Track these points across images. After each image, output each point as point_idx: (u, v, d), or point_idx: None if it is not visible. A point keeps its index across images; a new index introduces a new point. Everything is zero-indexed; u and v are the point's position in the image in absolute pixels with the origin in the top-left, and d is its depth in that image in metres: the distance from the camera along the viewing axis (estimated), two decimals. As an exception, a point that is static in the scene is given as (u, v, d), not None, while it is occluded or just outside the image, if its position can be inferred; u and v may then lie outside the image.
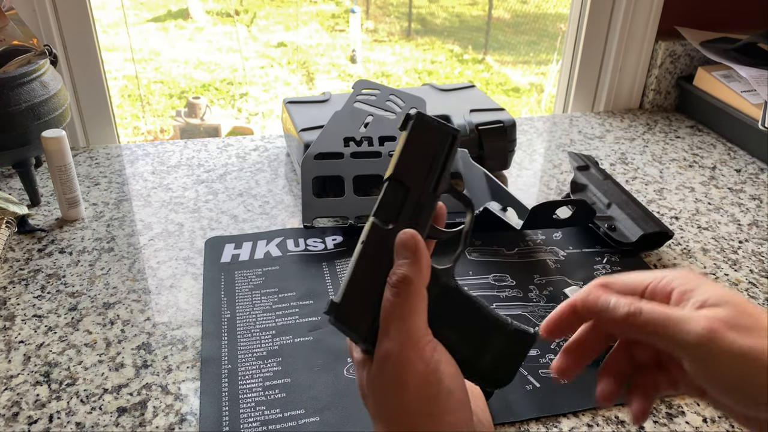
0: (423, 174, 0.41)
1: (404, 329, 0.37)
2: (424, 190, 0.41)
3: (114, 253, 0.75)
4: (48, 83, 0.82)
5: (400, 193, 0.41)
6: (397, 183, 0.41)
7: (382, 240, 0.40)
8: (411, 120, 0.42)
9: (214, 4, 4.59)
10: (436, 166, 0.41)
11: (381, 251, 0.40)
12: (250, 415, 0.54)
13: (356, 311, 0.39)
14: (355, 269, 0.40)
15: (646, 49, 1.18)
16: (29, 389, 0.57)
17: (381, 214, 0.41)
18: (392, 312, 0.38)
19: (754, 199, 0.91)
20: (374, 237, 0.40)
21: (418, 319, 0.38)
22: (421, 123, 0.42)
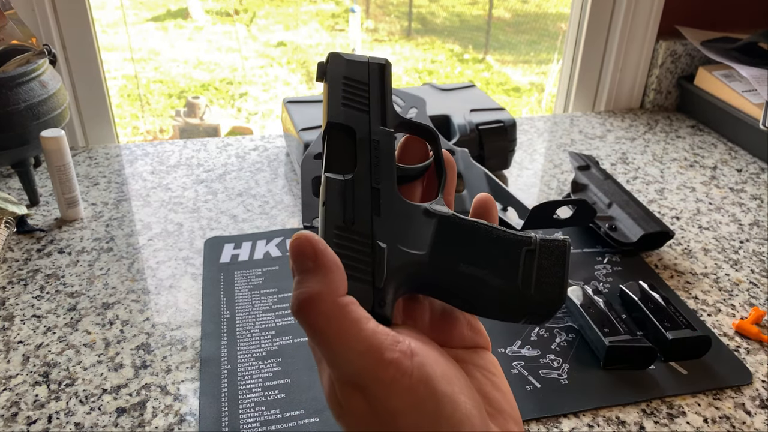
0: (362, 109, 0.36)
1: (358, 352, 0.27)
2: (370, 126, 0.35)
3: (113, 253, 0.75)
4: (47, 83, 0.81)
5: (346, 138, 0.35)
6: (338, 127, 0.35)
7: (348, 192, 0.33)
8: (327, 63, 0.37)
9: (213, 4, 4.59)
10: (373, 97, 0.36)
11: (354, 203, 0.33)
12: (250, 415, 0.54)
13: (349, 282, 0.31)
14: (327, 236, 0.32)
15: (647, 48, 1.18)
16: (28, 389, 0.56)
17: (335, 167, 0.34)
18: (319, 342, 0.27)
19: (755, 199, 0.91)
20: (336, 193, 0.33)
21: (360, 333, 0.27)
22: (338, 60, 0.37)
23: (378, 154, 0.35)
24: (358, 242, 0.32)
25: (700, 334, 0.60)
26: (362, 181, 0.34)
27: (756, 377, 0.60)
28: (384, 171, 0.34)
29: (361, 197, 0.33)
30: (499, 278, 0.32)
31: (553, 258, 0.33)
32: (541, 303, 0.32)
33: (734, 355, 0.62)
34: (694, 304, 0.69)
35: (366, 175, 0.34)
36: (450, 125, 0.92)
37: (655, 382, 0.58)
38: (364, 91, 0.36)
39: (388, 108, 0.36)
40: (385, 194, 0.34)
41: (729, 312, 0.68)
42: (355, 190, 0.33)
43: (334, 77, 0.36)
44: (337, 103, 0.35)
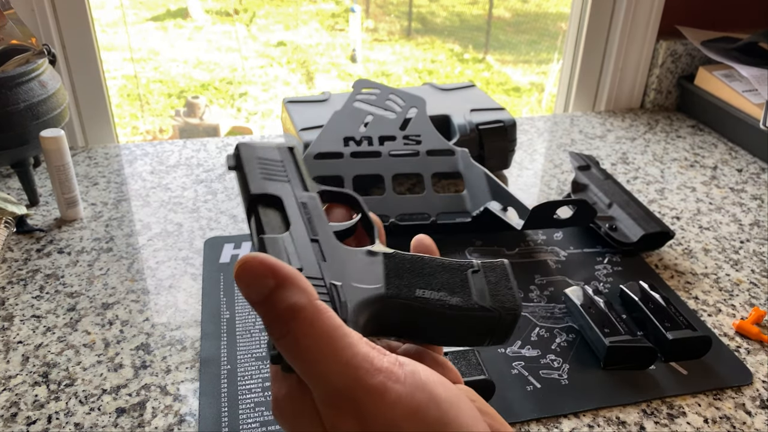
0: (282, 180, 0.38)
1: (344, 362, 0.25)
2: (295, 192, 0.37)
3: (113, 253, 0.75)
4: (46, 83, 0.81)
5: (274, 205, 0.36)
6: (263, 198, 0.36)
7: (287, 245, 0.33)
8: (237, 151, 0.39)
9: (213, 4, 4.59)
10: (289, 170, 0.38)
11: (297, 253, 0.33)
12: (250, 415, 0.54)
13: None
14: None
15: (647, 48, 1.18)
16: (28, 390, 0.56)
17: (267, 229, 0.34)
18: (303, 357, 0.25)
19: (756, 199, 0.91)
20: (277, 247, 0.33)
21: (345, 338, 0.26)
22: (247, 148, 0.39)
23: (309, 214, 0.36)
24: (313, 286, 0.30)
25: (700, 334, 0.60)
26: (300, 235, 0.34)
27: (756, 377, 0.59)
28: (319, 226, 0.35)
29: (303, 248, 0.33)
30: (456, 297, 0.33)
31: (498, 273, 0.35)
32: (501, 314, 0.33)
33: (734, 355, 0.62)
34: (694, 304, 0.69)
35: (302, 230, 0.34)
36: (450, 125, 0.92)
37: (656, 382, 0.58)
38: (281, 167, 0.38)
39: (306, 178, 0.38)
40: (326, 243, 0.35)
41: (729, 312, 0.68)
42: (296, 243, 0.33)
43: (249, 160, 0.38)
44: (257, 178, 0.37)
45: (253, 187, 0.36)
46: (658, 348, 0.61)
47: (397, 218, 0.77)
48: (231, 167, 0.39)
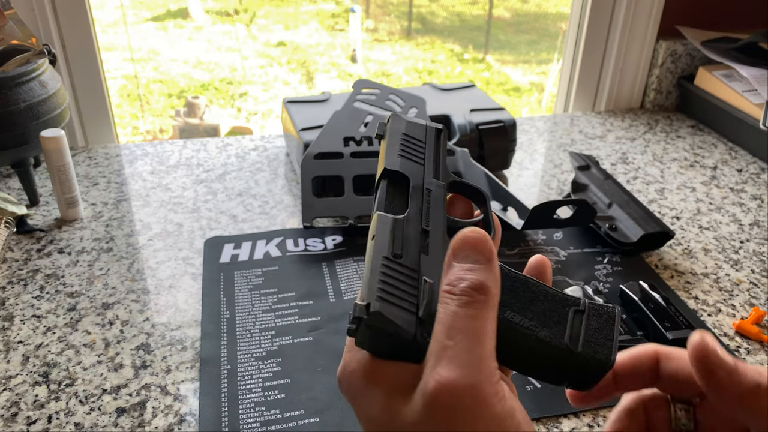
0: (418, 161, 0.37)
1: (478, 353, 0.27)
2: (425, 176, 0.37)
3: (113, 253, 0.75)
4: (47, 83, 0.81)
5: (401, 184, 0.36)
6: (393, 174, 0.36)
7: (398, 228, 0.33)
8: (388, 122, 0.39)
9: (213, 4, 4.59)
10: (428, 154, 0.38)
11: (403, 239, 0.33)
12: (250, 415, 0.54)
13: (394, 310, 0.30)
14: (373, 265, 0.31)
15: (647, 48, 1.18)
16: (28, 389, 0.56)
17: (387, 208, 0.34)
18: (461, 328, 0.27)
19: (756, 199, 0.91)
20: (387, 227, 0.33)
21: (492, 345, 0.28)
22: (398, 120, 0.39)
23: (429, 202, 0.35)
24: (404, 275, 0.31)
25: (700, 334, 0.60)
26: (412, 222, 0.34)
27: (756, 377, 0.59)
28: (434, 217, 0.35)
29: (411, 236, 0.33)
30: (546, 330, 0.32)
31: (602, 320, 0.33)
32: (588, 363, 0.31)
33: (734, 355, 0.62)
34: (694, 304, 0.69)
35: (416, 217, 0.34)
36: (450, 125, 0.92)
37: (656, 382, 0.58)
38: (421, 148, 0.38)
39: (442, 166, 0.37)
40: (434, 237, 0.34)
41: (729, 312, 0.68)
42: (405, 229, 0.33)
43: (393, 133, 0.38)
44: (395, 153, 0.37)
45: (387, 161, 0.37)
46: (658, 348, 0.61)
47: (397, 218, 0.77)
48: (377, 136, 0.39)
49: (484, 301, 0.28)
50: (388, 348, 0.30)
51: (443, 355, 0.27)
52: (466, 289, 0.29)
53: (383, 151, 0.38)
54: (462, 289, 0.29)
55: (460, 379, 0.26)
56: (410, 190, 0.36)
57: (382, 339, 0.29)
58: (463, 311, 0.28)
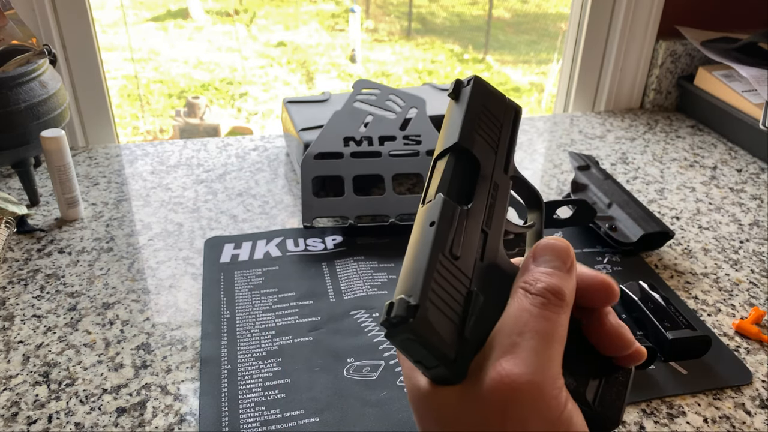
0: (492, 146, 0.33)
1: (545, 354, 0.27)
2: (495, 166, 0.32)
3: (113, 253, 0.75)
4: (47, 83, 0.81)
5: (469, 168, 0.32)
6: (464, 153, 0.32)
7: (461, 222, 0.30)
8: (469, 84, 0.34)
9: (213, 4, 4.59)
10: (503, 139, 0.34)
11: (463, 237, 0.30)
12: (250, 415, 0.54)
13: (440, 318, 0.27)
14: (430, 259, 0.28)
15: (647, 48, 1.18)
16: (28, 389, 0.56)
17: (451, 191, 0.31)
18: (533, 327, 0.27)
19: (755, 199, 0.91)
20: (451, 218, 0.30)
21: (561, 350, 0.28)
22: (481, 88, 0.34)
23: (494, 199, 0.32)
24: (457, 280, 0.29)
25: (700, 334, 0.60)
26: (474, 218, 0.31)
27: (756, 377, 0.60)
28: (495, 218, 0.32)
29: (471, 235, 0.30)
30: (571, 378, 0.30)
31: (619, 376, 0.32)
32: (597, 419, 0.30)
33: (734, 355, 0.62)
34: (694, 304, 0.69)
35: (479, 214, 0.31)
36: (450, 125, 0.92)
37: (655, 382, 0.58)
38: (497, 128, 0.34)
39: (512, 156, 0.34)
40: (491, 243, 0.31)
41: (729, 312, 0.68)
42: (467, 225, 0.30)
43: (474, 102, 0.34)
44: (470, 127, 0.33)
45: (462, 135, 0.32)
46: (658, 348, 0.61)
47: (397, 218, 0.77)
48: (452, 95, 0.35)
49: (559, 306, 0.28)
50: (419, 354, 0.28)
51: (510, 349, 0.27)
52: (542, 290, 0.28)
53: (454, 118, 0.33)
54: (538, 290, 0.29)
55: (524, 375, 0.26)
56: (478, 181, 0.32)
57: (420, 346, 0.27)
58: (537, 311, 0.28)
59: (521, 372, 0.26)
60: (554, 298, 0.28)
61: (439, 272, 0.28)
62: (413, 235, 0.30)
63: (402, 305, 0.27)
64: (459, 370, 0.28)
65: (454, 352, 0.27)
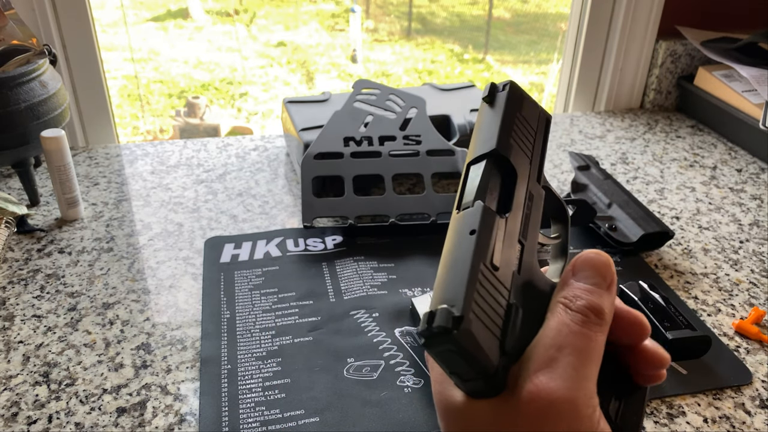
0: (527, 154, 0.32)
1: (582, 371, 0.27)
2: (530, 176, 0.32)
3: (113, 253, 0.75)
4: (47, 83, 0.81)
5: (506, 176, 0.32)
6: (501, 161, 0.31)
7: (500, 232, 0.29)
8: (505, 90, 0.34)
9: (213, 4, 4.59)
10: (537, 147, 0.33)
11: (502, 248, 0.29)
12: (250, 415, 0.54)
13: (482, 331, 0.26)
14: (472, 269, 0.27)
15: (647, 48, 1.18)
16: (28, 389, 0.56)
17: (490, 199, 0.30)
18: (572, 343, 0.27)
19: (755, 199, 0.91)
20: (491, 227, 0.29)
21: (597, 368, 0.28)
22: (517, 93, 0.34)
23: (529, 209, 0.32)
24: (498, 292, 0.28)
25: (700, 334, 0.60)
26: (512, 229, 0.30)
27: (756, 377, 0.60)
28: (531, 229, 0.31)
29: (509, 246, 0.30)
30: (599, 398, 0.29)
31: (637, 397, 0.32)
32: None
33: (734, 355, 0.62)
34: (694, 304, 0.69)
35: (517, 225, 0.31)
36: (450, 125, 0.92)
37: (655, 382, 0.58)
38: (531, 136, 0.34)
39: (543, 166, 0.34)
40: (527, 254, 0.31)
41: (729, 312, 0.68)
42: (506, 235, 0.30)
43: (510, 108, 0.33)
44: (508, 134, 0.32)
45: (499, 141, 0.31)
46: (658, 348, 0.61)
47: (397, 218, 0.77)
48: (487, 99, 0.34)
49: (599, 324, 0.28)
50: (458, 366, 0.27)
51: (548, 363, 0.27)
52: (582, 308, 0.28)
53: (490, 123, 0.33)
54: (579, 307, 0.29)
55: (560, 390, 0.26)
56: (514, 190, 0.31)
57: (460, 358, 0.26)
58: (576, 327, 0.28)
59: (558, 386, 0.26)
60: (594, 317, 0.28)
61: (480, 283, 0.27)
62: (449, 243, 0.29)
63: (445, 315, 0.26)
64: (497, 384, 0.27)
65: (495, 367, 0.27)
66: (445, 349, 0.26)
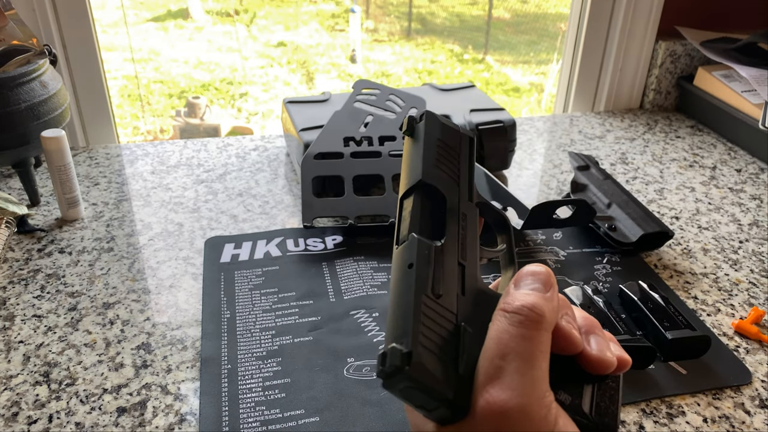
0: (454, 178, 0.33)
1: (529, 375, 0.27)
2: (460, 197, 0.33)
3: (114, 253, 0.75)
4: (47, 83, 0.81)
5: (436, 203, 0.33)
6: (429, 189, 0.32)
7: (438, 260, 0.30)
8: (422, 120, 0.35)
9: (213, 4, 4.59)
10: (463, 168, 0.34)
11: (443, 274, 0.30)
12: (250, 415, 0.54)
13: (433, 360, 0.27)
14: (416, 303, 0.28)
15: (647, 48, 1.18)
16: (29, 389, 0.56)
17: (423, 229, 0.31)
18: (513, 348, 0.28)
19: (755, 199, 0.91)
20: (427, 257, 0.30)
21: (545, 367, 0.28)
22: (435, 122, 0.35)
23: (464, 229, 0.32)
24: (444, 318, 0.29)
25: (699, 333, 0.60)
26: (451, 252, 0.31)
27: (755, 377, 0.60)
28: (469, 248, 0.32)
29: (449, 270, 0.30)
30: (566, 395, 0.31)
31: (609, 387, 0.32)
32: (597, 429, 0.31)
33: (734, 354, 0.62)
34: (693, 304, 0.69)
35: (453, 247, 0.31)
36: (450, 125, 0.92)
37: (655, 381, 0.58)
38: (455, 159, 0.34)
39: (473, 184, 0.34)
40: (470, 274, 0.32)
41: (728, 312, 0.68)
42: (444, 261, 0.30)
43: (429, 136, 0.34)
44: (431, 163, 0.33)
45: (425, 172, 0.33)
46: (658, 347, 0.61)
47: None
48: (406, 132, 0.35)
49: (537, 321, 0.28)
50: (418, 399, 0.28)
51: (496, 375, 0.27)
52: (519, 307, 0.28)
53: (413, 155, 0.34)
54: (515, 308, 0.28)
55: (511, 400, 0.26)
56: (446, 215, 0.32)
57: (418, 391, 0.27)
58: (515, 330, 0.28)
59: (508, 397, 0.27)
60: (531, 313, 0.28)
61: (425, 314, 0.28)
62: (393, 279, 0.30)
63: (395, 354, 0.27)
64: (459, 407, 0.28)
65: (453, 391, 0.27)
66: (403, 386, 0.27)
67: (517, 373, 0.27)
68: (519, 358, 0.27)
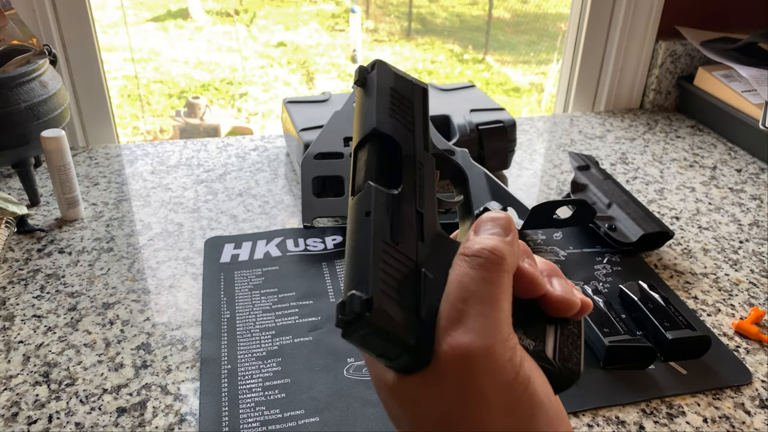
0: (408, 128, 0.33)
1: (492, 317, 0.26)
2: (416, 146, 0.33)
3: (113, 253, 0.75)
4: (47, 83, 0.81)
5: (392, 152, 0.32)
6: (384, 139, 0.32)
7: (396, 208, 0.30)
8: (374, 70, 0.34)
9: (213, 4, 4.59)
10: (417, 119, 0.34)
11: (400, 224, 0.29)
12: (250, 415, 0.54)
13: (394, 306, 0.27)
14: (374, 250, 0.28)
15: (647, 48, 1.18)
16: (29, 389, 0.56)
17: (380, 177, 0.31)
18: (475, 291, 0.27)
19: (755, 199, 0.91)
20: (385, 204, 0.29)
21: (508, 308, 0.27)
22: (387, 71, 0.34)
23: (421, 178, 0.32)
24: (403, 265, 0.28)
25: (699, 334, 0.60)
26: (408, 201, 0.31)
27: (755, 377, 0.60)
28: (427, 196, 0.32)
29: (407, 218, 0.30)
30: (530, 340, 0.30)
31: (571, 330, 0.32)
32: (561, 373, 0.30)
33: (734, 355, 0.62)
34: (693, 304, 0.69)
35: (410, 196, 0.31)
36: (450, 125, 0.92)
37: (655, 382, 0.58)
38: (409, 109, 0.34)
39: (428, 134, 0.34)
40: (428, 221, 0.31)
41: (728, 312, 0.68)
42: (402, 209, 0.30)
43: (382, 86, 0.34)
44: (385, 112, 0.33)
45: (378, 120, 0.32)
46: (658, 348, 0.61)
47: (397, 218, 0.77)
48: (357, 82, 0.34)
49: (498, 263, 0.28)
50: (380, 347, 0.27)
51: (458, 319, 0.27)
52: (479, 250, 0.28)
53: (366, 106, 0.33)
54: (475, 251, 0.28)
55: (474, 343, 0.26)
56: (402, 163, 0.32)
57: (379, 338, 0.27)
58: (476, 273, 0.27)
59: (471, 339, 0.26)
60: (491, 255, 0.28)
61: (384, 261, 0.28)
62: (350, 228, 0.30)
63: (355, 301, 0.26)
64: (422, 354, 0.27)
65: (415, 337, 0.27)
66: (363, 333, 0.26)
67: (480, 315, 0.26)
68: (481, 300, 0.27)
